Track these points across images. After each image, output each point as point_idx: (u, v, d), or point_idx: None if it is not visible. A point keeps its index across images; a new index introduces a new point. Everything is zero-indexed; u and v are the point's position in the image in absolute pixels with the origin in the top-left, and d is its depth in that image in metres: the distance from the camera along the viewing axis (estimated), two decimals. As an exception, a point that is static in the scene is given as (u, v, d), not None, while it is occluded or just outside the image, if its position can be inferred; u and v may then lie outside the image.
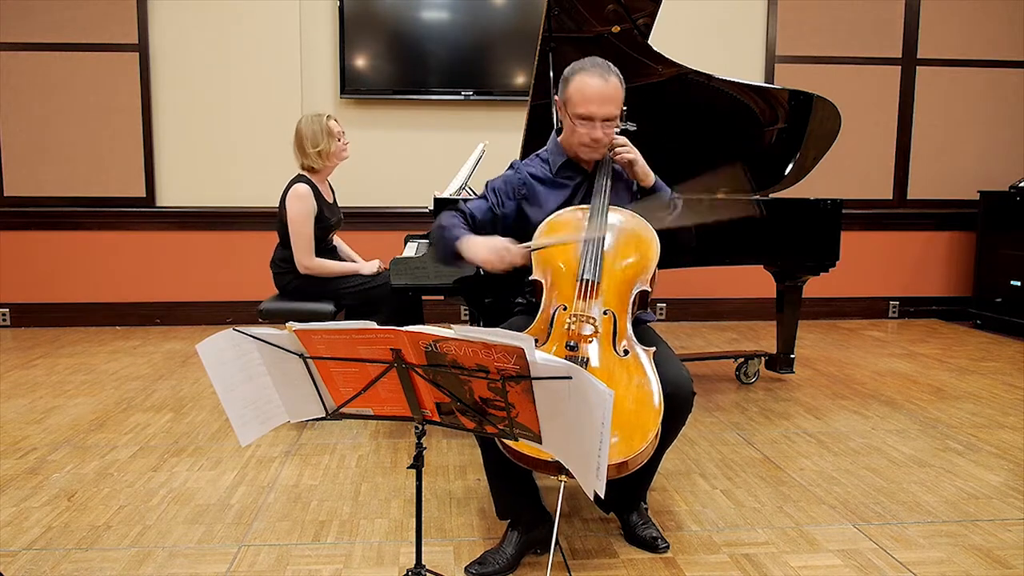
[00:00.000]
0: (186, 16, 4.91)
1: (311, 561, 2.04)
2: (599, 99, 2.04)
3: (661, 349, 2.03)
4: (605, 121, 2.07)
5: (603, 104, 2.05)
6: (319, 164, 3.32)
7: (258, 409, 1.61)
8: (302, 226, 3.24)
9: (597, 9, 3.00)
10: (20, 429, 3.05)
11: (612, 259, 2.04)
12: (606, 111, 2.05)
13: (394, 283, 2.89)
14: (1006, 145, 5.49)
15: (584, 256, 2.00)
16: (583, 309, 1.93)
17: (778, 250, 3.46)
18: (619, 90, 2.08)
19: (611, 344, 1.92)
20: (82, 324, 5.06)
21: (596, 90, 2.04)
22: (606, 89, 2.05)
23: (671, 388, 1.91)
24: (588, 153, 2.14)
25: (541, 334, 1.95)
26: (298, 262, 3.26)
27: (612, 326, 1.94)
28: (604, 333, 1.92)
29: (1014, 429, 3.11)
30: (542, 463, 1.74)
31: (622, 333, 1.95)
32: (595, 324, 1.92)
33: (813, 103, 3.49)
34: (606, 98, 2.04)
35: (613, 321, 1.95)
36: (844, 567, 2.01)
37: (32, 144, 4.93)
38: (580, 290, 1.96)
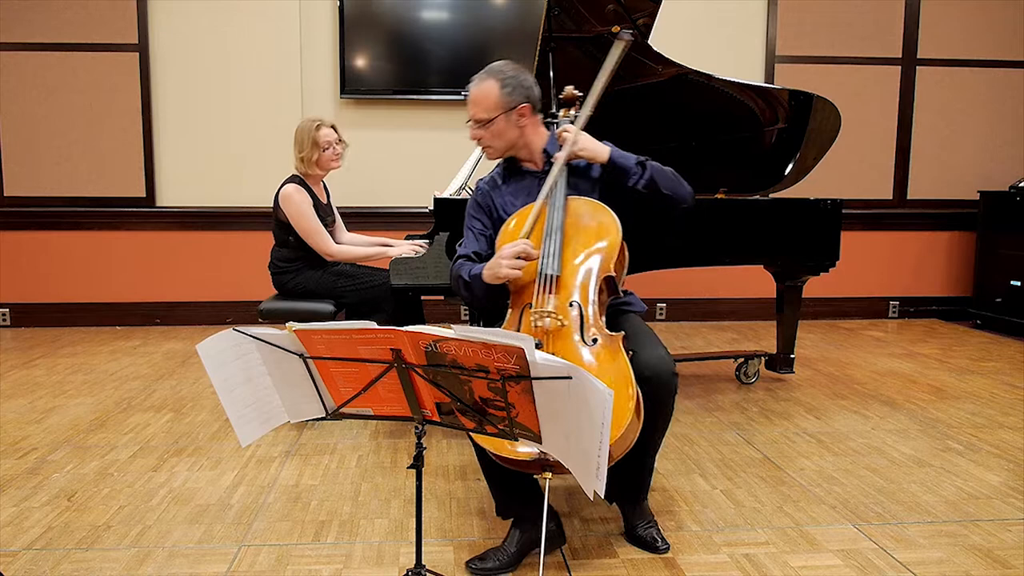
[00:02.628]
0: (186, 16, 4.91)
1: (311, 561, 2.04)
2: (469, 101, 2.19)
3: (640, 334, 2.03)
4: (475, 123, 2.17)
5: (470, 106, 2.19)
6: (305, 168, 3.32)
7: (258, 409, 1.61)
8: (306, 219, 3.25)
9: (597, 9, 3.00)
10: (20, 429, 3.05)
11: (571, 250, 2.04)
12: (471, 113, 2.18)
13: (394, 283, 2.89)
14: (1006, 145, 5.49)
15: (543, 251, 2.01)
16: (546, 305, 1.95)
17: (778, 250, 3.46)
18: (486, 94, 2.14)
19: (579, 335, 1.91)
20: (82, 324, 5.06)
21: (469, 94, 2.19)
22: (473, 92, 2.18)
23: (649, 371, 1.91)
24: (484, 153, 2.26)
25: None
26: (321, 253, 3.28)
27: (579, 317, 1.94)
28: (571, 325, 1.92)
29: (1014, 429, 3.11)
30: (524, 462, 1.74)
31: (589, 323, 1.94)
32: (559, 318, 1.92)
33: (813, 103, 3.49)
34: (471, 101, 2.18)
35: (580, 312, 1.95)
36: (844, 567, 2.01)
37: (32, 144, 4.93)
38: (541, 286, 1.97)
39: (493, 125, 2.15)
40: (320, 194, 3.42)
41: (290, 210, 3.25)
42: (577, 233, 2.07)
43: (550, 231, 2.03)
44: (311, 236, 3.26)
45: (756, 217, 3.38)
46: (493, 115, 2.14)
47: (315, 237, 3.26)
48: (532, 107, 2.19)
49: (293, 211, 3.25)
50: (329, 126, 3.33)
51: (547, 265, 1.99)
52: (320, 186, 3.45)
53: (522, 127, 2.19)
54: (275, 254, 3.38)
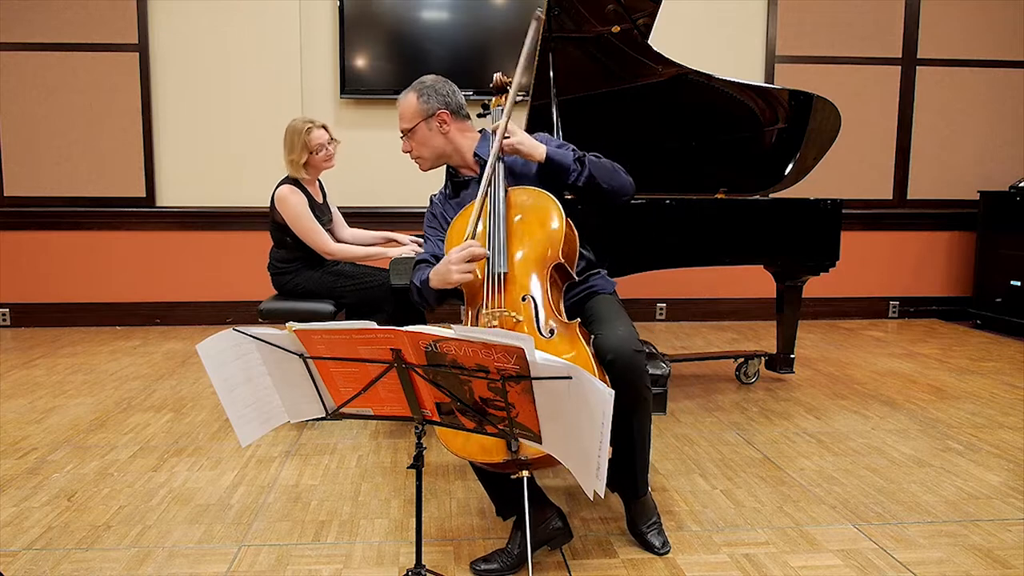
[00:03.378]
0: (186, 16, 4.91)
1: (311, 561, 2.04)
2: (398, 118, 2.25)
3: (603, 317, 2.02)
4: (402, 134, 2.24)
5: (399, 122, 2.25)
6: (295, 171, 3.31)
7: (258, 409, 1.61)
8: (303, 220, 3.25)
9: (597, 9, 3.00)
10: (20, 429, 3.05)
11: (516, 243, 2.02)
12: (400, 126, 2.25)
13: (394, 283, 2.89)
14: (1006, 145, 5.49)
15: (490, 247, 1.99)
16: (498, 304, 1.93)
17: (778, 250, 3.46)
18: (406, 105, 2.21)
19: (535, 329, 1.90)
20: (82, 324, 5.06)
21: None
22: (398, 108, 2.25)
23: (612, 354, 1.89)
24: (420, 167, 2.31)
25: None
26: (321, 253, 3.28)
27: (533, 311, 1.93)
28: (526, 320, 1.91)
29: (1014, 429, 3.11)
30: (498, 464, 1.73)
31: (547, 314, 1.93)
32: (513, 315, 1.91)
33: (813, 103, 3.49)
34: (398, 117, 2.25)
35: (533, 305, 1.94)
36: (844, 567, 2.01)
37: (32, 144, 4.93)
38: (491, 286, 1.96)
39: (415, 134, 2.22)
40: (316, 194, 3.42)
41: (286, 212, 3.25)
42: (520, 225, 2.05)
43: (493, 227, 2.01)
44: (309, 236, 3.26)
45: (756, 217, 3.38)
46: (413, 123, 2.20)
47: (313, 236, 3.26)
48: (451, 113, 2.22)
49: (289, 212, 3.25)
50: (320, 127, 3.31)
51: (495, 263, 1.97)
52: (315, 185, 3.45)
53: (445, 133, 2.22)
54: (273, 255, 3.39)
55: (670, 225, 3.20)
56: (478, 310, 1.98)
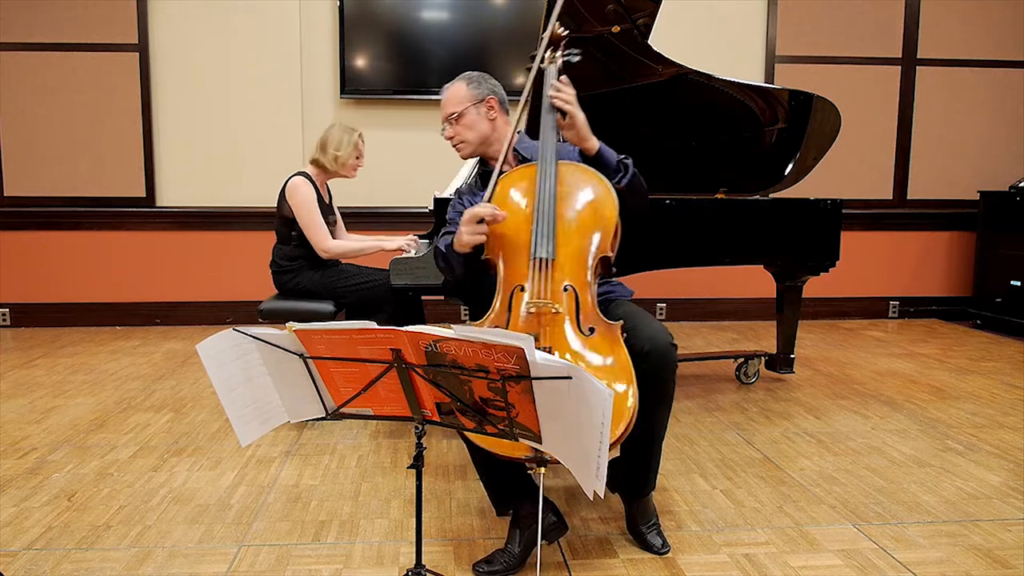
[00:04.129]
0: (186, 16, 4.91)
1: (311, 561, 2.04)
2: (440, 109, 2.31)
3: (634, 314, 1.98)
4: (447, 121, 2.27)
5: (441, 110, 2.30)
6: (331, 167, 3.36)
7: (258, 409, 1.61)
8: (310, 213, 3.26)
9: (597, 9, 3.00)
10: (20, 429, 3.05)
11: (566, 227, 1.91)
12: (444, 113, 2.28)
13: (394, 283, 2.89)
14: (1006, 145, 5.49)
15: (536, 228, 1.90)
16: (541, 292, 1.85)
17: (778, 250, 3.46)
18: (453, 92, 2.26)
19: (575, 324, 1.82)
20: (82, 324, 5.06)
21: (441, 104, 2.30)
22: (443, 98, 2.30)
23: (649, 345, 1.86)
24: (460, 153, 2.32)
25: (501, 320, 1.88)
26: (317, 248, 3.29)
27: (574, 303, 1.85)
28: (567, 312, 1.83)
29: (1014, 429, 3.11)
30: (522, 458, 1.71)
31: (586, 309, 1.85)
32: (553, 306, 1.83)
33: (813, 103, 3.49)
34: (442, 104, 2.30)
35: (575, 297, 1.86)
36: (844, 567, 2.01)
37: (32, 144, 4.93)
38: (533, 270, 1.88)
39: (464, 117, 2.24)
40: (324, 194, 3.44)
41: (295, 200, 3.27)
42: (571, 207, 1.94)
43: (542, 204, 1.90)
44: (310, 228, 3.27)
45: (756, 217, 3.38)
46: (462, 107, 2.23)
47: (315, 230, 3.27)
48: (499, 101, 2.28)
49: (298, 201, 3.26)
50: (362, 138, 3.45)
51: (540, 247, 1.88)
52: (325, 188, 3.47)
53: (492, 120, 2.26)
54: (277, 252, 3.39)
55: (670, 225, 3.21)
56: (515, 289, 1.89)
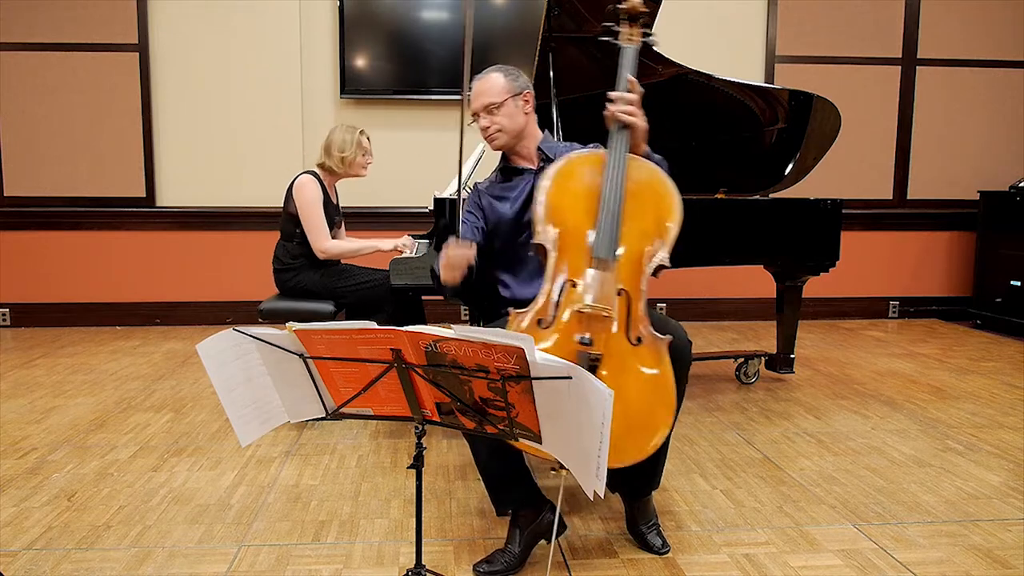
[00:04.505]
0: (186, 16, 4.91)
1: (311, 561, 2.04)
2: (473, 97, 2.20)
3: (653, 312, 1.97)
4: (485, 111, 2.18)
5: (476, 99, 2.20)
6: (338, 168, 3.37)
7: (258, 409, 1.61)
8: (312, 212, 3.27)
9: (597, 9, 3.00)
10: (20, 429, 3.05)
11: (632, 227, 1.82)
12: (479, 103, 2.19)
13: (394, 283, 2.89)
14: (1006, 145, 5.49)
15: (600, 223, 1.81)
16: (596, 294, 1.76)
17: (778, 250, 3.46)
18: (492, 82, 2.18)
19: (624, 331, 1.74)
20: (82, 324, 5.06)
21: (473, 92, 2.21)
22: (476, 86, 2.20)
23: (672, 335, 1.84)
24: (493, 145, 2.25)
25: (546, 314, 1.81)
26: (315, 247, 3.29)
27: (626, 309, 1.76)
28: (618, 318, 1.74)
29: (1014, 429, 3.11)
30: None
31: (636, 317, 1.77)
32: (606, 309, 1.73)
33: (813, 103, 3.49)
34: (477, 94, 2.19)
35: (627, 303, 1.77)
36: (844, 567, 2.01)
37: (32, 144, 4.93)
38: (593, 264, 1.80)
39: (503, 108, 2.17)
40: (332, 195, 3.45)
41: (300, 198, 3.27)
42: (638, 206, 1.86)
43: (608, 200, 1.81)
44: (310, 228, 3.27)
45: (756, 217, 3.38)
46: (503, 98, 2.16)
47: (314, 230, 3.27)
48: (534, 96, 2.24)
49: (303, 199, 3.27)
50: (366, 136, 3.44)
51: (600, 246, 1.80)
52: (333, 189, 3.48)
53: (527, 113, 2.22)
54: (280, 249, 3.38)
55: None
56: (565, 284, 1.81)
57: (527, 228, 2.14)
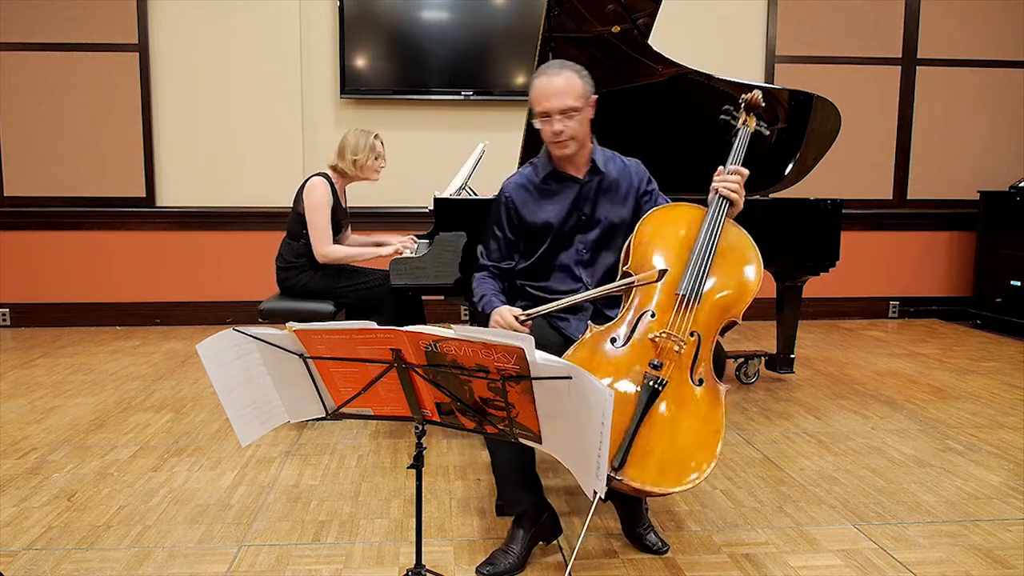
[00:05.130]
0: (186, 16, 4.91)
1: (311, 561, 2.04)
2: (548, 94, 2.07)
3: None
4: (562, 114, 2.06)
5: (553, 98, 2.06)
6: (350, 171, 3.37)
7: (258, 409, 1.61)
8: (319, 215, 3.27)
9: (597, 9, 3.00)
10: (20, 429, 3.05)
11: (717, 279, 1.96)
12: (558, 104, 2.06)
13: (394, 283, 2.89)
14: (1006, 145, 5.49)
15: (690, 267, 1.94)
16: (675, 326, 1.88)
17: (778, 250, 3.45)
18: (572, 83, 2.07)
19: (689, 370, 1.85)
20: (82, 324, 5.06)
21: (544, 86, 2.08)
22: (554, 83, 2.07)
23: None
24: (557, 150, 2.13)
25: (622, 335, 1.90)
26: (316, 251, 3.29)
27: (695, 350, 1.87)
28: (686, 356, 1.86)
29: (1014, 429, 3.11)
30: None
31: (702, 359, 1.88)
32: (681, 344, 1.85)
33: (813, 103, 3.49)
34: (555, 92, 2.06)
35: (697, 345, 1.88)
36: (844, 567, 2.01)
37: (32, 144, 4.93)
38: (677, 303, 1.91)
39: (581, 114, 2.09)
40: (341, 198, 3.45)
41: (311, 199, 3.28)
42: (726, 264, 1.99)
43: (701, 250, 1.95)
44: (314, 231, 3.27)
45: (756, 217, 3.37)
46: (581, 103, 2.08)
47: (317, 233, 3.27)
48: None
49: (311, 201, 3.27)
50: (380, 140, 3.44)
51: (687, 285, 1.92)
52: (343, 192, 3.48)
53: (590, 120, 2.16)
54: (285, 248, 3.38)
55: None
56: (646, 312, 1.92)
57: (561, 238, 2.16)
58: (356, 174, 3.39)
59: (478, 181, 3.57)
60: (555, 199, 2.19)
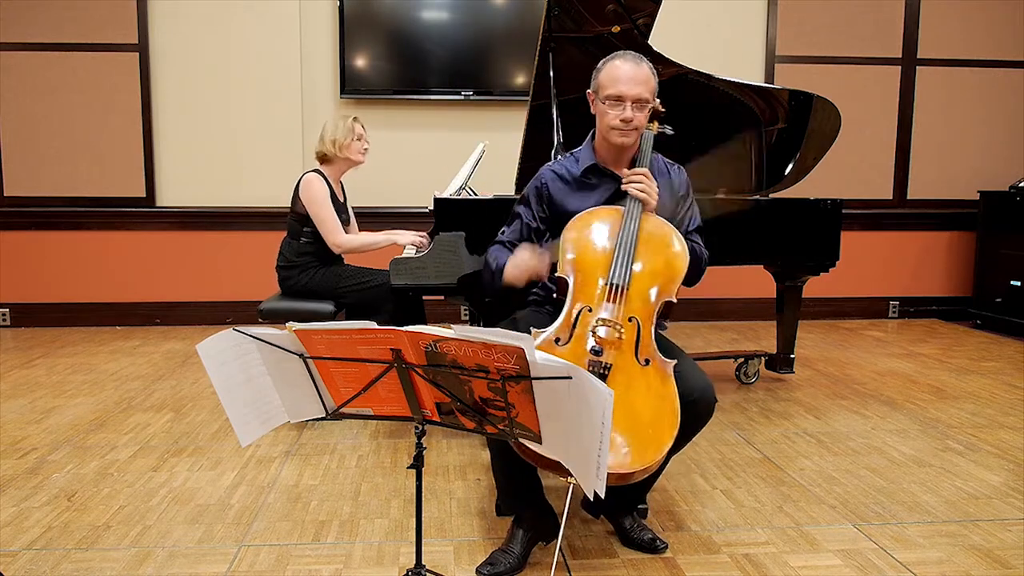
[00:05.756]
0: (186, 16, 4.91)
1: (311, 561, 2.04)
2: (629, 80, 2.04)
3: (683, 359, 2.01)
4: (636, 103, 2.04)
5: (632, 84, 2.04)
6: (331, 152, 3.37)
7: (258, 409, 1.60)
8: (322, 208, 3.28)
9: (597, 9, 3.00)
10: (20, 429, 3.05)
11: (643, 265, 2.01)
12: (636, 91, 2.04)
13: (394, 283, 2.89)
14: (1006, 145, 5.49)
15: (615, 259, 1.97)
16: (609, 313, 1.92)
17: (778, 250, 3.46)
18: (651, 76, 2.08)
19: (633, 352, 1.89)
20: (82, 324, 5.06)
21: (626, 72, 2.05)
22: (637, 72, 2.05)
23: (697, 394, 1.91)
24: (618, 137, 2.09)
25: (564, 334, 1.93)
26: (330, 243, 3.30)
27: (636, 334, 1.91)
28: (627, 340, 1.89)
29: (1014, 429, 3.11)
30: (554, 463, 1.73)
31: (645, 342, 1.91)
32: (620, 330, 1.89)
33: (813, 103, 3.49)
34: (636, 79, 2.04)
35: (637, 329, 1.92)
36: (844, 567, 2.01)
37: (32, 144, 4.93)
38: (608, 293, 1.94)
39: (647, 108, 2.08)
40: (338, 192, 3.45)
41: (308, 195, 3.28)
42: (649, 250, 2.03)
43: (624, 237, 1.99)
44: (323, 224, 3.27)
45: (756, 217, 3.38)
46: (652, 99, 2.09)
47: (329, 224, 3.28)
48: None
49: (311, 196, 3.27)
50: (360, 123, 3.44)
51: (616, 274, 1.95)
52: (339, 184, 3.48)
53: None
54: (286, 247, 3.38)
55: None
56: (583, 309, 1.95)
57: None
58: (339, 156, 3.38)
59: (478, 181, 3.57)
60: (593, 193, 2.17)
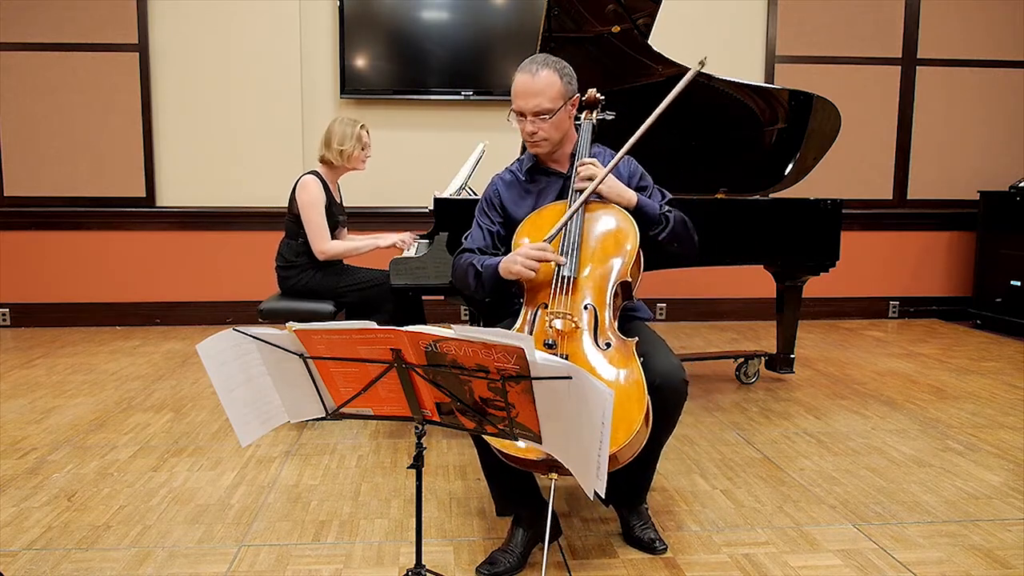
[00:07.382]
0: (186, 16, 4.91)
1: (311, 561, 2.04)
2: (523, 93, 2.07)
3: (651, 341, 2.02)
4: (535, 115, 2.07)
5: (527, 98, 2.06)
6: (337, 161, 3.38)
7: (258, 409, 1.61)
8: (313, 213, 3.28)
9: (597, 9, 3.00)
10: (20, 429, 3.05)
11: (589, 252, 2.03)
12: (532, 104, 2.06)
13: (394, 283, 2.89)
14: (1006, 145, 5.48)
15: (562, 250, 1.99)
16: (561, 306, 1.94)
17: (778, 250, 3.46)
18: (550, 84, 2.06)
19: (592, 338, 1.91)
20: (82, 324, 5.06)
21: (521, 85, 2.08)
22: (532, 83, 2.06)
23: (661, 379, 1.91)
24: (533, 149, 2.16)
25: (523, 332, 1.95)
26: (315, 248, 3.30)
27: (593, 320, 1.94)
28: (585, 327, 1.92)
29: (1014, 429, 3.11)
30: (531, 462, 1.74)
31: (603, 326, 1.94)
32: (573, 320, 1.91)
33: (813, 103, 3.49)
34: (531, 92, 2.06)
35: (594, 315, 1.94)
36: (844, 567, 2.01)
37: (32, 144, 4.93)
38: (556, 287, 1.96)
39: (556, 116, 2.08)
40: (335, 193, 3.45)
41: (303, 197, 3.29)
42: (595, 236, 2.05)
43: (569, 230, 2.01)
44: (310, 228, 3.28)
45: (756, 217, 3.38)
46: (558, 105, 2.08)
47: (314, 230, 3.28)
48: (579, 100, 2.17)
49: (305, 199, 3.28)
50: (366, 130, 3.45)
51: (563, 267, 1.98)
52: (336, 186, 3.48)
53: (571, 118, 2.17)
54: (284, 247, 3.39)
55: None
56: (538, 308, 1.98)
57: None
58: (343, 164, 3.40)
59: (478, 181, 3.56)
60: (541, 193, 2.21)
